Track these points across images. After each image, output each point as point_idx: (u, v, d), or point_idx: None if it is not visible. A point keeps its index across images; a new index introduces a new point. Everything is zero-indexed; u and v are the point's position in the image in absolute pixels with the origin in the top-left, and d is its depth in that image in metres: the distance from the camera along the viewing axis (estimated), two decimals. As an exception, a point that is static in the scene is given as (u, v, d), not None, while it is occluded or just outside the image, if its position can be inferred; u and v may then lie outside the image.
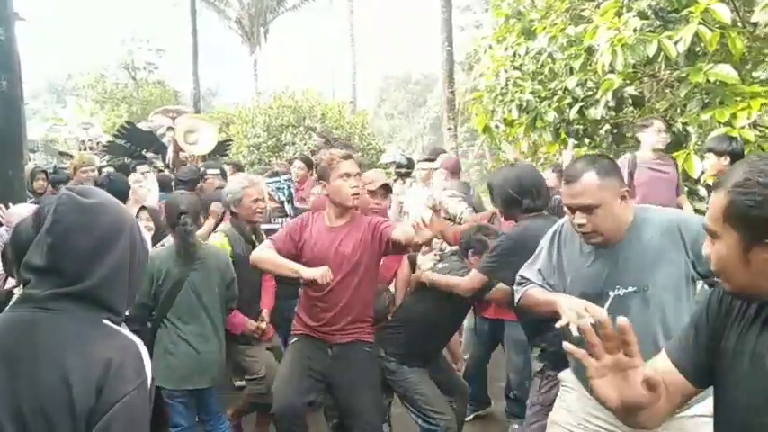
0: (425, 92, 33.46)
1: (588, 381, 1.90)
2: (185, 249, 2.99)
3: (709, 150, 3.69)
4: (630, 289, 1.92)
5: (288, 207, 4.61)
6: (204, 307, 3.01)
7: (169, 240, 3.26)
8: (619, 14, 4.08)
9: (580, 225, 1.92)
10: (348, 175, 2.74)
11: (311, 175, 5.58)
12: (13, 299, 1.86)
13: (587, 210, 1.90)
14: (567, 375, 2.19)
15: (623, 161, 4.23)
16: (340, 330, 2.82)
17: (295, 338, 2.92)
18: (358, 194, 2.79)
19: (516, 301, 2.23)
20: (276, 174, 5.23)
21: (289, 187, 4.73)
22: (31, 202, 3.46)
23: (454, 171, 4.68)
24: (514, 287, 2.25)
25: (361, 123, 14.26)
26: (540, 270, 2.16)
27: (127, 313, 1.36)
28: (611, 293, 1.91)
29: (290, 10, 25.63)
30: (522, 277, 2.21)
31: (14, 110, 3.16)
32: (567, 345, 1.21)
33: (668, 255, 1.91)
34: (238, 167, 6.28)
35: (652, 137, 4.02)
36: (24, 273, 1.25)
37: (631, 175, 4.16)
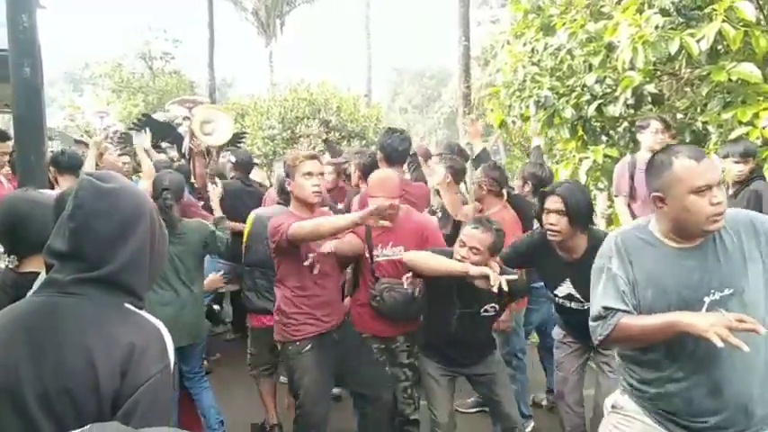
0: (440, 86, 33.32)
1: (654, 412, 1.90)
2: (166, 222, 3.11)
3: (726, 156, 3.64)
4: (727, 292, 1.79)
5: None
6: (180, 277, 3.39)
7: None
8: (640, 11, 4.03)
9: (719, 202, 1.76)
10: (310, 174, 2.95)
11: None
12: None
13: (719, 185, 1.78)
14: (629, 404, 2.01)
15: (623, 163, 4.19)
16: (335, 313, 3.04)
17: (308, 345, 2.95)
18: (320, 192, 3.00)
19: (605, 336, 1.88)
20: None
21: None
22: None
23: (425, 157, 5.05)
24: (593, 322, 1.93)
25: (376, 117, 14.24)
26: (623, 293, 1.87)
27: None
28: (707, 299, 1.78)
29: (306, 2, 25.63)
30: (606, 308, 1.88)
31: (36, 97, 3.19)
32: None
33: (752, 253, 1.82)
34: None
35: (649, 138, 3.96)
36: (47, 257, 1.27)
37: (632, 177, 4.10)
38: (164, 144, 7.55)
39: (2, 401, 1.14)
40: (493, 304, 2.85)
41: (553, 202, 2.76)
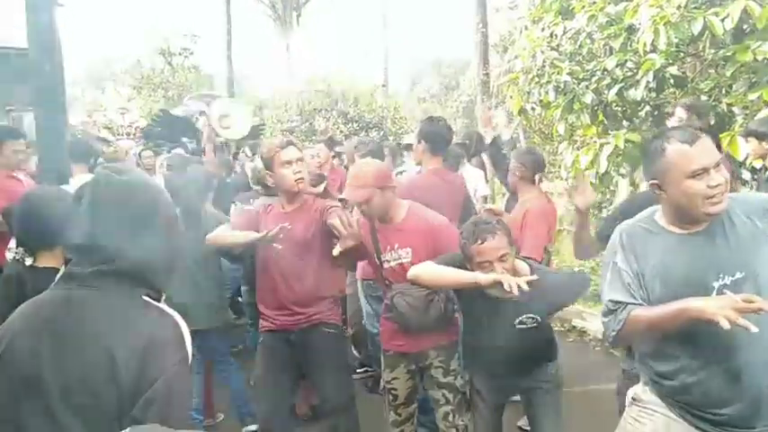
0: (458, 75, 33.01)
1: (674, 405, 1.84)
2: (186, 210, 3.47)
3: (750, 134, 3.55)
4: (739, 275, 1.73)
5: None
6: (197, 263, 3.46)
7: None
8: (661, -9, 3.94)
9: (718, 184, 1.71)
10: (289, 162, 2.82)
11: (333, 157, 5.66)
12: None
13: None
14: (649, 397, 1.96)
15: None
16: (299, 314, 2.87)
17: (261, 337, 3.00)
18: (302, 179, 2.85)
19: (617, 331, 1.84)
20: None
21: None
22: None
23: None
24: (605, 318, 1.88)
25: (394, 107, 14.21)
26: (629, 286, 1.83)
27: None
28: (716, 284, 1.74)
29: (322, -7, 25.55)
30: (615, 302, 1.84)
31: (57, 94, 3.23)
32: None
33: (766, 236, 1.75)
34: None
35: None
36: (66, 251, 1.29)
37: None
38: (183, 139, 7.64)
39: (25, 393, 1.16)
40: (530, 315, 2.40)
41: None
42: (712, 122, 4.09)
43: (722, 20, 3.57)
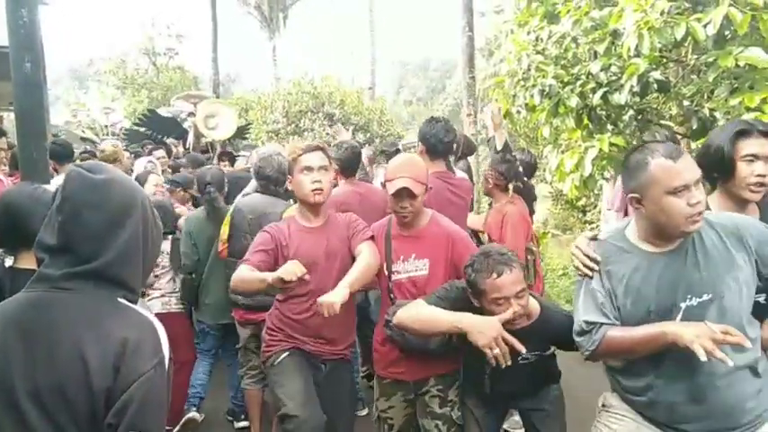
0: (444, 78, 33.20)
1: (642, 407, 1.85)
2: (213, 212, 3.84)
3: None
4: (705, 297, 1.73)
5: None
6: (227, 261, 3.62)
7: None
8: (646, -3, 3.97)
9: (698, 202, 1.67)
10: (309, 168, 2.57)
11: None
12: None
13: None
14: (619, 403, 1.95)
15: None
16: (334, 343, 2.68)
17: (286, 352, 2.64)
18: (320, 189, 2.58)
19: (591, 351, 1.83)
20: None
21: None
22: None
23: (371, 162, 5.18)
24: (578, 337, 1.88)
25: (380, 110, 14.24)
26: (602, 305, 1.82)
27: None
28: (683, 304, 1.74)
29: (309, -5, 25.53)
30: (588, 323, 1.83)
31: (38, 92, 3.18)
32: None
33: (735, 257, 1.74)
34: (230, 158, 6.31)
35: None
36: (38, 252, 1.24)
37: None
38: (170, 140, 7.58)
39: None
40: (534, 352, 2.22)
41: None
42: (695, 127, 4.13)
43: (704, 26, 3.60)
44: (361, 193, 3.79)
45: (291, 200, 3.98)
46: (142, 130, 8.47)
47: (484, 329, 2.01)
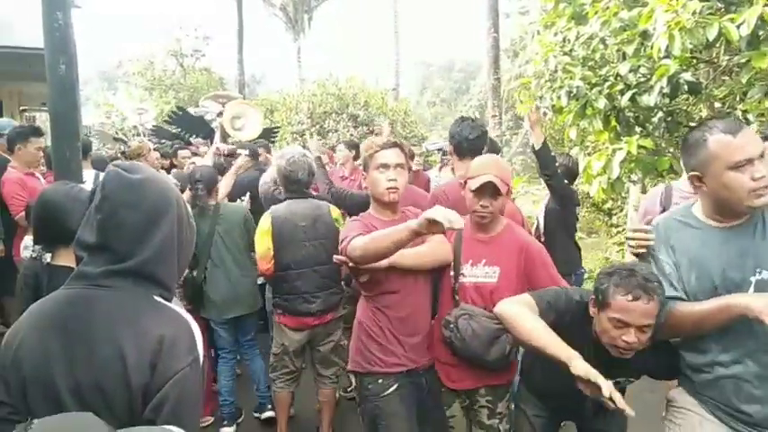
0: (468, 79, 33.09)
1: (708, 402, 1.77)
2: (199, 207, 3.91)
3: (766, 140, 3.50)
4: None
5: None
6: (231, 252, 3.87)
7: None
8: (677, -3, 3.91)
9: (762, 176, 1.64)
10: (386, 166, 2.43)
11: (354, 158, 5.77)
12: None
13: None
14: (682, 397, 1.91)
15: (655, 194, 3.71)
16: (425, 346, 2.48)
17: (395, 385, 2.44)
18: (395, 188, 2.45)
19: (659, 325, 1.80)
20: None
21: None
22: None
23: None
24: None
25: (404, 111, 14.22)
26: (670, 276, 1.79)
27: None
28: (753, 279, 1.70)
29: (334, -3, 25.65)
30: None
31: (71, 93, 3.24)
32: None
33: None
34: (267, 149, 6.38)
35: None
36: (77, 250, 1.27)
37: (664, 211, 3.45)
38: (197, 140, 7.66)
39: (36, 394, 1.15)
40: (631, 378, 2.13)
41: None
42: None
43: (738, 26, 3.54)
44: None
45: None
46: (173, 128, 8.58)
47: (599, 381, 1.73)
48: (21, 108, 10.45)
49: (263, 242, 3.44)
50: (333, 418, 3.70)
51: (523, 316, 2.00)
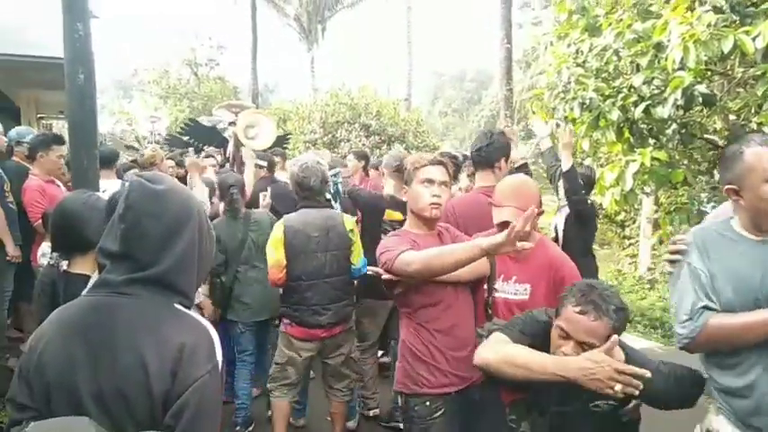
0: (480, 89, 33.12)
1: (746, 413, 1.71)
2: (233, 213, 3.99)
3: None
4: None
5: (335, 204, 4.38)
6: (264, 256, 3.62)
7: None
8: (691, 9, 3.91)
9: None
10: (431, 181, 2.43)
11: (363, 168, 5.80)
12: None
13: None
14: (720, 425, 1.81)
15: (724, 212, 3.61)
16: (470, 361, 2.26)
17: (442, 410, 2.35)
18: (439, 204, 2.43)
19: (692, 338, 1.72)
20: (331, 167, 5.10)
21: (336, 183, 4.45)
22: None
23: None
24: (679, 328, 1.77)
25: (416, 121, 14.25)
26: (705, 286, 1.74)
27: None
28: None
29: (347, 7, 25.85)
30: (692, 306, 1.75)
31: (89, 103, 3.31)
32: None
33: None
34: (284, 157, 6.44)
35: None
36: (100, 258, 1.30)
37: None
38: (210, 149, 7.74)
39: (59, 398, 1.17)
40: (611, 402, 1.92)
41: None
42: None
43: (753, 38, 3.53)
44: (454, 204, 3.76)
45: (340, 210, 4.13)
46: (185, 138, 8.69)
47: (596, 372, 1.66)
48: (38, 116, 10.61)
49: (275, 251, 3.40)
50: (344, 430, 3.69)
51: (506, 354, 1.89)
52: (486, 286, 2.44)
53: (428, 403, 2.35)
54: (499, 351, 1.90)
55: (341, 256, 3.41)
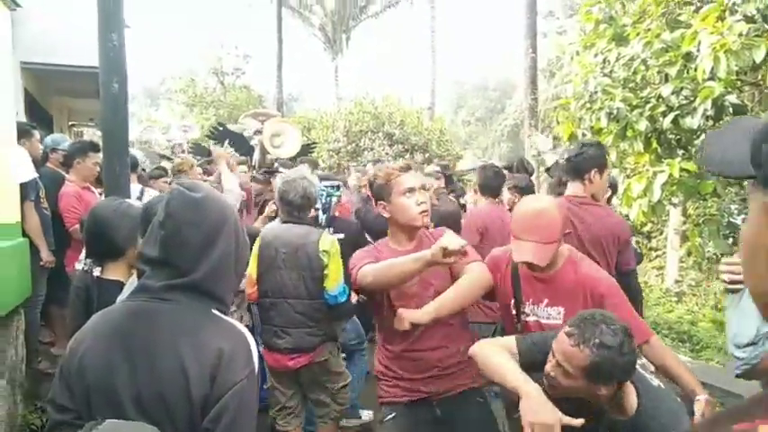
0: (504, 98, 32.98)
1: None
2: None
3: None
4: None
5: (321, 216, 3.99)
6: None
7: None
8: (721, 18, 3.87)
9: None
10: (411, 190, 2.33)
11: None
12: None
13: None
14: None
15: None
16: (445, 377, 2.37)
17: (392, 414, 2.41)
18: (426, 211, 2.35)
19: (752, 365, 1.65)
20: (326, 178, 4.59)
21: (328, 195, 4.04)
22: None
23: None
24: (738, 351, 1.68)
25: (439, 130, 14.26)
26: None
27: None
28: None
29: (371, 17, 26.01)
30: (758, 332, 1.65)
31: (122, 111, 3.38)
32: None
33: None
34: (315, 165, 6.47)
35: None
36: (140, 264, 1.33)
37: None
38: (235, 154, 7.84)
39: (99, 401, 1.20)
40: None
41: None
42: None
43: (786, 48, 3.48)
44: (502, 217, 3.73)
45: (323, 227, 3.76)
46: (203, 145, 8.79)
47: (540, 412, 1.65)
48: (69, 123, 10.86)
49: (251, 264, 3.19)
50: None
51: (486, 353, 1.94)
52: (514, 312, 2.32)
53: (383, 408, 2.47)
54: (485, 352, 1.97)
55: (308, 278, 3.09)
